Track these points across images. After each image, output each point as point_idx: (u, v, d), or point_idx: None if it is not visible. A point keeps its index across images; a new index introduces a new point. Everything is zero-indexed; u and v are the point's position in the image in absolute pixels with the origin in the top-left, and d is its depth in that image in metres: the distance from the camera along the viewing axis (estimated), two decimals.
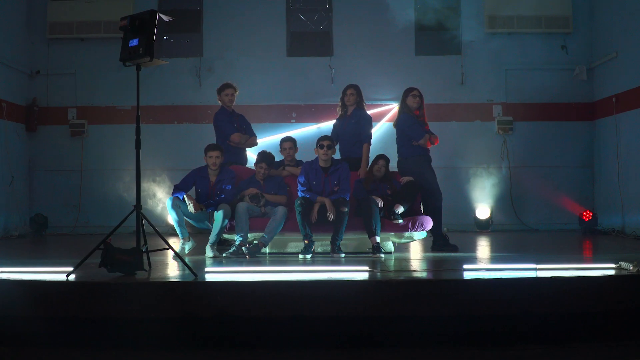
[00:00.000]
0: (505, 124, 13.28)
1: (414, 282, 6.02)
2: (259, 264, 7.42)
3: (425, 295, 5.86)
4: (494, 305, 5.84)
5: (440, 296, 5.86)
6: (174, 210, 8.15)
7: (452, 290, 5.92)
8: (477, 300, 5.85)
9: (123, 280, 5.95)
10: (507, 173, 13.30)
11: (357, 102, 9.18)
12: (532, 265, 6.45)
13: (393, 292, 5.84)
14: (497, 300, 5.86)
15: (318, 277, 6.17)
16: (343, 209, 8.01)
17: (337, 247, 8.07)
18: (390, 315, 5.78)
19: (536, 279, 6.07)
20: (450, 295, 5.88)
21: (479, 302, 5.85)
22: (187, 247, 8.32)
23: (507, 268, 6.58)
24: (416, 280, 6.11)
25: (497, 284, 6.00)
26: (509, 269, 6.54)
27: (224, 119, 9.48)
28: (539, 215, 13.24)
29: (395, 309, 5.79)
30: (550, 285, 5.96)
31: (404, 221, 8.29)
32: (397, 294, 5.83)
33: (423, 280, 6.13)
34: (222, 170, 8.48)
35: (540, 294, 5.91)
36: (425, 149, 8.95)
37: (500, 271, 6.49)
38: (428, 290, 5.89)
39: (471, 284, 5.99)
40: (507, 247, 10.13)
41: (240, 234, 8.08)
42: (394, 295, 5.83)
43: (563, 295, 5.91)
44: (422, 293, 5.87)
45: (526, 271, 6.39)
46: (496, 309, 5.82)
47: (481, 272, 6.52)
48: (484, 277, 6.19)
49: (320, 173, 8.41)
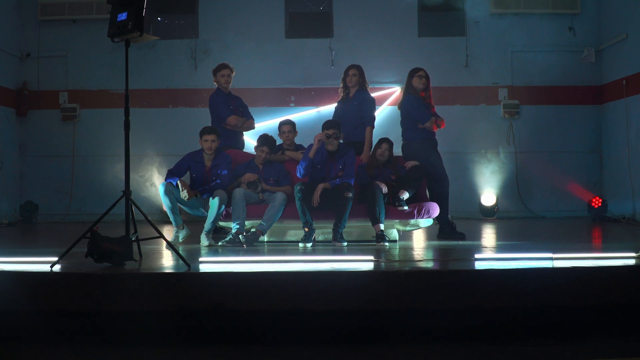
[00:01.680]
0: (511, 107, 12.89)
1: (422, 273, 5.62)
2: (257, 253, 7.06)
3: (434, 287, 5.48)
4: (509, 298, 5.47)
5: (451, 288, 5.48)
6: (166, 196, 7.76)
7: (463, 281, 5.52)
8: (490, 293, 5.48)
9: (111, 271, 5.55)
10: (513, 158, 12.91)
11: (359, 84, 8.81)
12: (548, 255, 6.06)
13: (400, 283, 5.45)
14: (512, 292, 5.49)
15: (320, 267, 5.79)
16: (347, 194, 7.63)
17: (340, 235, 7.70)
18: (397, 309, 5.41)
19: (553, 269, 5.68)
20: (461, 287, 5.49)
21: (492, 294, 5.47)
22: (180, 236, 7.95)
23: (521, 258, 6.17)
24: (425, 271, 5.71)
25: (512, 274, 5.60)
26: (523, 259, 6.14)
27: (220, 100, 9.09)
28: (545, 202, 12.87)
29: (402, 302, 5.42)
30: (568, 275, 5.58)
31: (409, 208, 7.91)
32: (404, 286, 5.45)
33: (432, 271, 5.71)
34: (217, 154, 8.09)
35: (558, 285, 5.53)
36: (431, 132, 8.58)
37: (513, 261, 6.08)
38: (438, 282, 5.51)
39: (484, 275, 5.59)
40: (516, 235, 9.76)
41: (236, 222, 7.71)
42: (401, 288, 5.45)
43: (582, 286, 5.53)
44: (432, 285, 5.48)
45: (542, 261, 5.99)
46: (511, 302, 5.46)
47: (493, 262, 6.12)
48: (497, 267, 5.78)
49: (326, 157, 8.04)
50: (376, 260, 6.09)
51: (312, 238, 7.69)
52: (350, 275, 5.52)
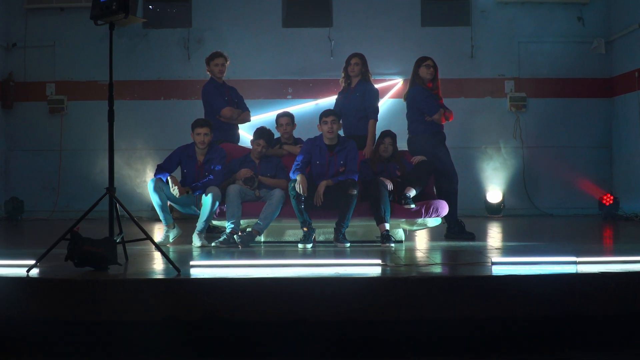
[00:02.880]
0: (517, 100, 12.42)
1: (435, 280, 5.08)
2: (253, 255, 6.56)
3: (449, 295, 4.97)
4: (531, 306, 4.98)
5: (467, 296, 4.97)
6: (156, 193, 7.24)
7: (481, 289, 5.02)
8: (511, 301, 4.98)
9: (93, 276, 5.04)
10: (520, 153, 12.44)
11: (362, 73, 8.29)
12: (571, 259, 5.56)
13: (410, 291, 4.94)
14: (534, 300, 5.00)
15: (321, 272, 5.27)
16: (352, 191, 7.11)
17: (342, 235, 7.18)
18: (407, 319, 4.90)
19: (578, 276, 5.16)
20: (478, 295, 4.99)
21: (513, 303, 4.98)
22: (171, 235, 7.43)
23: (542, 262, 5.65)
24: (438, 277, 5.16)
25: (534, 281, 5.09)
26: (544, 263, 5.62)
27: (214, 91, 8.56)
28: (553, 199, 12.40)
29: (413, 311, 4.91)
30: (596, 282, 5.07)
31: (417, 206, 7.40)
32: (415, 294, 4.94)
33: (446, 278, 5.16)
34: (211, 148, 7.56)
35: (584, 292, 5.04)
36: (439, 125, 8.08)
37: (534, 265, 5.56)
38: (452, 289, 4.99)
39: (504, 282, 5.08)
40: (527, 234, 9.24)
41: (231, 221, 7.19)
42: (412, 295, 4.94)
43: (611, 293, 5.03)
44: (446, 293, 4.97)
45: (565, 265, 5.49)
46: (533, 311, 4.96)
47: (512, 266, 5.58)
48: (518, 272, 5.24)
49: (325, 151, 7.51)
50: (383, 265, 5.57)
51: (312, 238, 7.18)
52: (355, 281, 5.00)
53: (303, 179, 7.15)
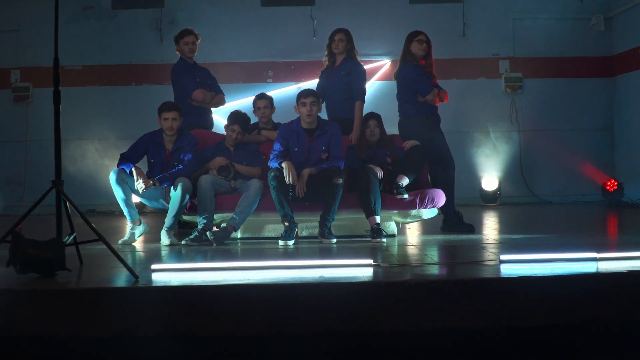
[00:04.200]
0: (513, 81, 11.69)
1: (437, 284, 4.32)
2: (227, 255, 5.83)
3: (454, 301, 4.25)
4: (549, 312, 4.26)
5: (476, 302, 4.25)
6: (118, 186, 6.49)
7: (491, 293, 4.29)
8: (526, 306, 4.27)
9: (37, 285, 4.31)
10: (517, 138, 11.72)
11: (347, 50, 7.56)
12: (591, 255, 4.86)
13: (408, 296, 4.21)
14: (553, 304, 4.29)
15: (304, 275, 4.53)
16: (337, 180, 6.37)
17: (328, 229, 6.46)
18: (403, 330, 4.18)
19: (602, 275, 4.45)
20: (489, 301, 4.26)
21: (529, 309, 4.26)
22: (137, 232, 6.67)
23: (558, 259, 4.93)
24: (439, 280, 4.39)
25: (551, 282, 4.37)
26: (560, 260, 4.90)
27: (184, 72, 7.78)
28: (552, 186, 11.70)
29: (410, 320, 4.19)
30: (623, 281, 4.36)
31: (410, 196, 6.67)
32: (413, 300, 4.21)
33: (450, 281, 4.37)
34: (180, 135, 6.79)
35: (606, 295, 4.33)
36: (432, 106, 7.35)
37: (548, 263, 4.84)
38: (458, 295, 4.26)
39: (517, 284, 4.34)
40: (529, 225, 8.46)
41: (203, 215, 6.47)
42: (409, 302, 4.21)
43: None
44: (451, 298, 4.24)
45: (584, 263, 4.78)
46: (552, 317, 4.25)
47: (523, 265, 4.85)
48: (531, 273, 4.51)
49: (303, 137, 6.76)
50: (375, 265, 4.82)
51: (294, 234, 6.44)
52: (342, 287, 4.26)
53: (290, 166, 6.42)
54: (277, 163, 6.51)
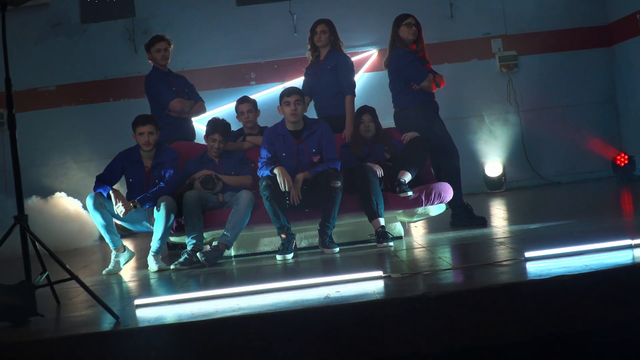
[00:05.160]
0: (508, 60, 11.09)
1: (461, 295, 3.76)
2: (221, 277, 5.33)
3: (482, 313, 3.70)
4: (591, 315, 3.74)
5: (507, 313, 3.71)
6: (97, 211, 5.92)
7: (523, 300, 3.75)
8: (562, 310, 3.74)
9: (5, 336, 3.77)
10: (517, 119, 11.11)
11: (331, 42, 7.04)
12: (625, 242, 4.34)
13: (430, 314, 3.66)
14: (593, 305, 3.77)
15: (307, 297, 4.00)
16: (335, 183, 5.83)
17: (329, 238, 5.92)
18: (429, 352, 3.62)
19: None
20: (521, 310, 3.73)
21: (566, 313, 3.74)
22: (122, 260, 6.10)
23: (588, 251, 4.39)
24: (462, 291, 3.81)
25: (587, 280, 3.84)
26: (590, 252, 4.37)
27: (159, 81, 7.23)
28: (559, 166, 11.10)
29: (436, 339, 3.64)
30: None
31: (415, 193, 6.13)
32: (435, 315, 3.66)
33: (474, 291, 3.80)
34: (159, 150, 6.24)
35: None
36: (429, 93, 6.82)
37: (578, 257, 4.31)
38: (486, 306, 3.73)
39: (551, 286, 3.79)
40: (543, 211, 7.89)
41: (192, 235, 5.92)
42: (433, 320, 3.66)
43: None
44: (478, 310, 3.70)
45: (619, 252, 4.26)
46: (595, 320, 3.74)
47: (551, 261, 4.30)
48: (563, 270, 3.95)
49: (290, 140, 6.20)
50: (385, 277, 4.28)
51: (292, 247, 5.89)
52: (353, 309, 3.70)
53: (284, 171, 5.89)
54: (267, 170, 5.97)
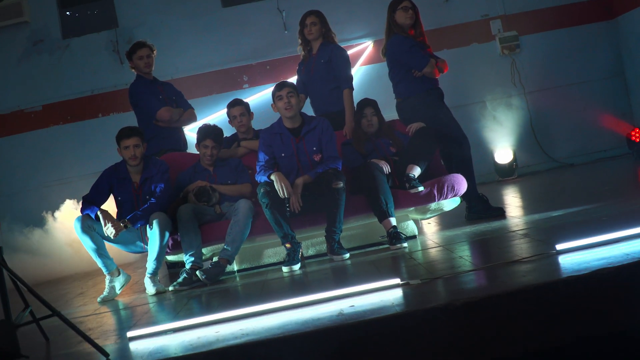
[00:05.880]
0: (509, 41, 10.57)
1: (488, 302, 3.33)
2: (225, 296, 4.88)
3: (513, 317, 3.27)
4: None
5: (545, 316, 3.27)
6: (85, 235, 5.47)
7: (558, 299, 3.31)
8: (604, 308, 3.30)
9: None
10: (523, 101, 10.61)
11: (322, 34, 6.62)
12: None
13: (455, 323, 3.23)
14: None
15: (319, 313, 3.56)
16: (337, 184, 5.39)
17: (337, 244, 5.46)
18: None
19: None
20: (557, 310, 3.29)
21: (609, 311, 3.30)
22: (117, 285, 5.66)
23: (624, 237, 3.95)
24: (491, 297, 3.37)
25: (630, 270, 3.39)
26: (628, 238, 3.93)
27: (144, 90, 6.75)
28: (571, 147, 10.56)
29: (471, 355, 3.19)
30: None
31: (426, 187, 5.68)
32: (464, 325, 3.23)
33: (505, 294, 3.36)
34: (147, 163, 5.80)
35: None
36: (432, 80, 6.36)
37: (614, 245, 3.87)
38: (518, 311, 3.29)
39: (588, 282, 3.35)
40: (561, 196, 7.31)
41: (189, 252, 5.49)
42: (461, 329, 3.23)
43: None
44: (510, 315, 3.26)
45: None
46: None
47: (585, 253, 3.86)
48: (601, 262, 3.51)
49: (288, 138, 5.77)
50: (403, 284, 3.84)
51: (298, 256, 5.43)
52: (372, 325, 3.27)
53: (281, 177, 5.44)
54: (265, 176, 5.53)
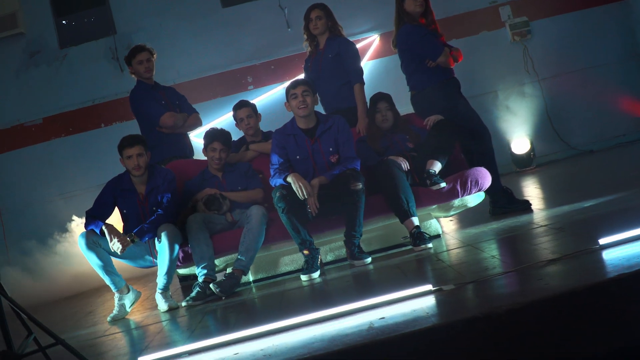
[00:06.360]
0: (519, 27, 10.19)
1: (537, 305, 3.01)
2: (241, 309, 4.58)
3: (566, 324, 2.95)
4: None
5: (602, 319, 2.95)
6: (91, 251, 5.16)
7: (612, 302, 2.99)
8: None
9: None
10: (538, 88, 10.24)
11: (329, 28, 6.30)
12: None
13: (502, 334, 2.91)
14: None
15: (346, 328, 3.25)
16: (355, 185, 5.07)
17: (357, 248, 5.14)
18: None
19: None
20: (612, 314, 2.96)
21: None
22: (127, 303, 5.35)
23: None
24: (540, 300, 3.05)
25: None
26: None
27: (145, 96, 6.42)
28: (589, 133, 10.17)
29: None
30: None
31: (448, 183, 5.36)
32: (512, 336, 2.91)
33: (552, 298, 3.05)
34: (152, 172, 5.48)
35: None
36: (448, 70, 6.03)
37: None
38: (570, 314, 2.96)
39: None
40: (591, 185, 6.78)
41: (201, 265, 5.18)
42: (507, 340, 2.91)
43: None
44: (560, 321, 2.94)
45: None
46: None
47: (632, 246, 3.54)
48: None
49: (302, 139, 5.44)
50: (436, 290, 3.52)
51: (317, 263, 5.11)
52: (407, 340, 2.95)
53: (298, 177, 5.13)
54: (281, 179, 5.21)
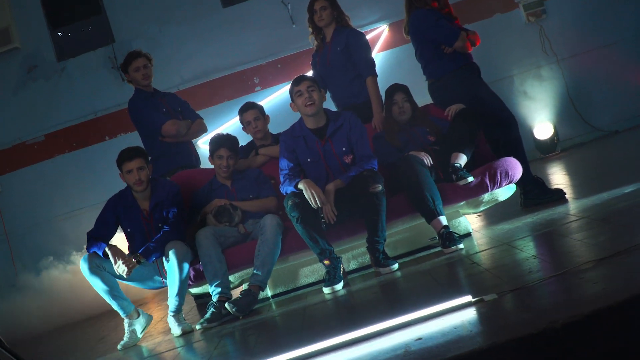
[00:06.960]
0: (534, 7, 9.70)
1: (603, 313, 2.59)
2: (262, 328, 4.20)
3: None
4: None
5: None
6: (95, 276, 4.79)
7: None
8: None
9: None
10: (557, 70, 9.77)
11: (335, 19, 5.90)
12: None
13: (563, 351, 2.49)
14: None
15: (379, 352, 2.84)
16: (375, 187, 4.65)
17: (382, 254, 4.72)
18: None
19: None
20: None
21: None
22: (138, 328, 4.98)
23: None
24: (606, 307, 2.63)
25: None
26: None
27: (145, 104, 6.00)
28: (614, 113, 9.66)
29: None
30: None
31: (476, 177, 4.94)
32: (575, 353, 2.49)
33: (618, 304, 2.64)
34: (155, 186, 5.09)
35: None
36: (465, 55, 5.62)
37: None
38: None
39: None
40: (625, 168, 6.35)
41: (215, 283, 4.80)
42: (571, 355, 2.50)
43: None
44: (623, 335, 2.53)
45: None
46: None
47: None
48: None
49: (313, 140, 5.03)
50: (478, 302, 3.11)
51: (340, 273, 4.70)
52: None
53: (310, 184, 4.71)
54: (292, 186, 4.80)
